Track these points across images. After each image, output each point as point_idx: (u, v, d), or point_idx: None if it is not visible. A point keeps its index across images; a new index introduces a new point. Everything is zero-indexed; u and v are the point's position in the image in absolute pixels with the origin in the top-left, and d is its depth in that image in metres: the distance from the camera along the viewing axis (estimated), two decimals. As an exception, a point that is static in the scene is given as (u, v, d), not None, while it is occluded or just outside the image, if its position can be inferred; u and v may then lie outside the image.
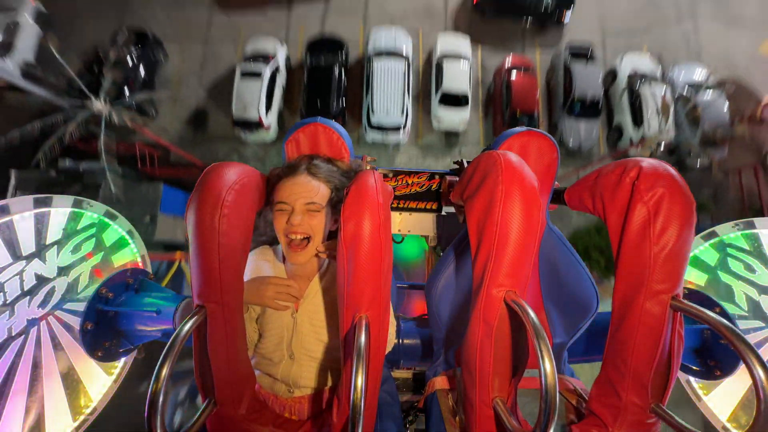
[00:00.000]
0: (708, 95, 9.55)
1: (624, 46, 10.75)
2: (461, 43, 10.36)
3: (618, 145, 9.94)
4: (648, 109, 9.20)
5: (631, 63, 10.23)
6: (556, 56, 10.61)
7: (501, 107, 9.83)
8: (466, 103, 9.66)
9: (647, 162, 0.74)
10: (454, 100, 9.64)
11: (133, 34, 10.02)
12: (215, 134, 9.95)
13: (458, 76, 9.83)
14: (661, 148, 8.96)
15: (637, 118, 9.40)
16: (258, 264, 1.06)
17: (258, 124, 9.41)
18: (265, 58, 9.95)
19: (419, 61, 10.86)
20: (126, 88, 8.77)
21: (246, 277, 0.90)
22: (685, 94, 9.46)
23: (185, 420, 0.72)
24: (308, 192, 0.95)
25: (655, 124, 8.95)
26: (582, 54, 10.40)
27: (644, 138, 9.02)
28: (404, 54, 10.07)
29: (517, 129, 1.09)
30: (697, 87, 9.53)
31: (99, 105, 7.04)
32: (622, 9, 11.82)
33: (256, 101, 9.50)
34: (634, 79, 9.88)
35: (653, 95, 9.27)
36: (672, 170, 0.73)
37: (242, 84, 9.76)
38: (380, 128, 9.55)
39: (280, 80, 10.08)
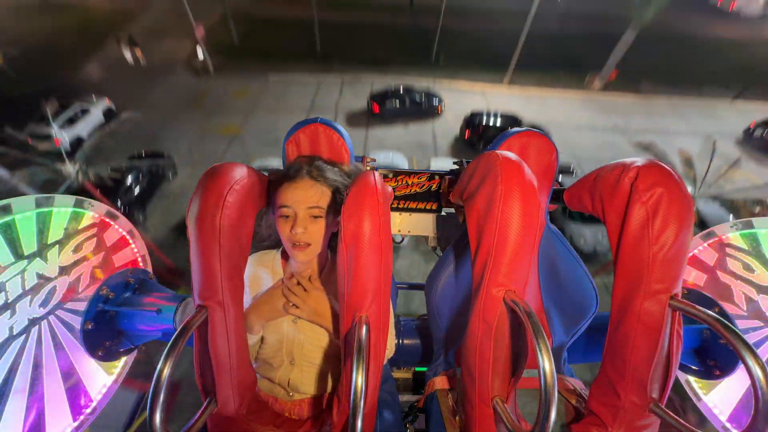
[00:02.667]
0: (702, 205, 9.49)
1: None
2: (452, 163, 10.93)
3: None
4: None
5: None
6: None
7: None
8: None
9: (647, 162, 0.75)
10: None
11: (150, 154, 10.73)
12: None
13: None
14: None
15: None
16: (256, 272, 1.06)
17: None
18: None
19: None
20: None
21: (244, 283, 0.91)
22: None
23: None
24: (311, 197, 0.95)
25: None
26: (567, 170, 11.18)
27: None
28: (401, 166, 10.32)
29: (517, 129, 1.09)
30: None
31: (69, 167, 6.73)
32: (588, 145, 13.44)
33: None
34: None
35: None
36: (671, 170, 0.73)
37: None
38: None
39: None
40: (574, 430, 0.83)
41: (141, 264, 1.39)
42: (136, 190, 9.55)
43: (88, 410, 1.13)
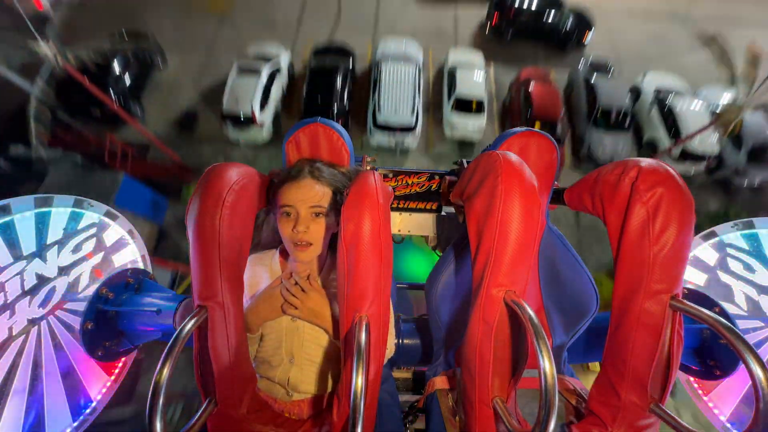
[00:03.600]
0: (747, 114, 8.81)
1: (640, 71, 10.37)
2: (474, 56, 9.89)
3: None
4: (686, 123, 8.61)
5: (655, 80, 9.91)
6: (573, 72, 10.20)
7: (520, 118, 9.12)
8: (482, 109, 8.83)
9: (647, 162, 0.75)
10: (469, 107, 8.84)
11: (133, 34, 9.65)
12: (202, 136, 9.25)
13: (473, 82, 9.10)
14: (704, 164, 8.46)
15: (673, 133, 8.84)
16: (255, 271, 1.05)
17: (249, 121, 8.42)
18: (266, 59, 9.36)
19: (429, 76, 10.29)
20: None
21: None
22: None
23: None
24: (313, 196, 0.96)
25: (696, 138, 8.09)
26: (603, 68, 10.08)
27: (687, 152, 8.50)
28: (414, 60, 9.36)
29: (517, 129, 1.09)
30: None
31: (45, 48, 5.77)
32: (635, 38, 11.63)
33: (251, 96, 8.50)
34: (663, 94, 9.46)
35: (690, 109, 8.85)
36: (672, 170, 0.73)
37: (237, 80, 8.84)
38: (387, 128, 8.50)
39: (280, 81, 9.44)
40: (574, 430, 0.83)
41: (141, 264, 1.39)
42: (127, 79, 8.74)
43: (88, 410, 1.13)
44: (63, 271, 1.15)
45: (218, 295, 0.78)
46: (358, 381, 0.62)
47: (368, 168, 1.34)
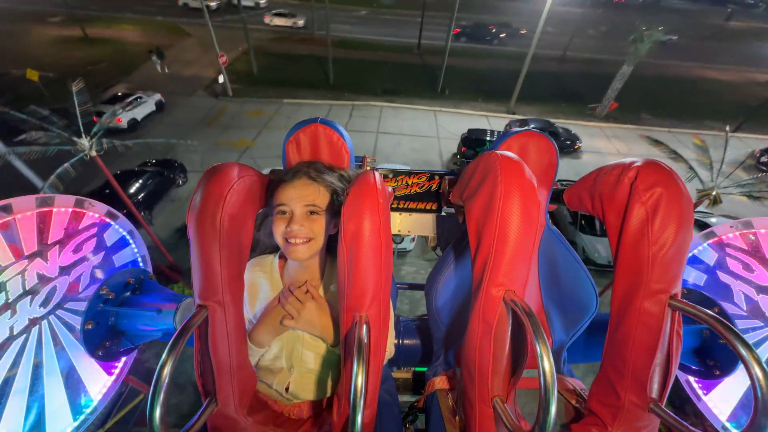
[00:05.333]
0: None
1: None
2: None
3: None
4: None
5: None
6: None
7: None
8: None
9: (646, 162, 0.75)
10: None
11: (161, 160, 11.10)
12: None
13: None
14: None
15: None
16: (254, 277, 1.05)
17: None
18: None
19: None
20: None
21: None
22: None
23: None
24: (308, 195, 0.95)
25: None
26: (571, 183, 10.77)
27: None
28: None
29: (517, 129, 1.09)
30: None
31: (84, 143, 6.50)
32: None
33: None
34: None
35: None
36: (671, 170, 0.73)
37: None
38: None
39: None
40: (574, 430, 0.83)
41: (141, 264, 1.39)
42: (145, 191, 9.86)
43: (88, 410, 1.13)
44: (64, 270, 1.15)
45: (219, 294, 0.78)
46: (358, 381, 0.62)
47: (368, 168, 1.35)
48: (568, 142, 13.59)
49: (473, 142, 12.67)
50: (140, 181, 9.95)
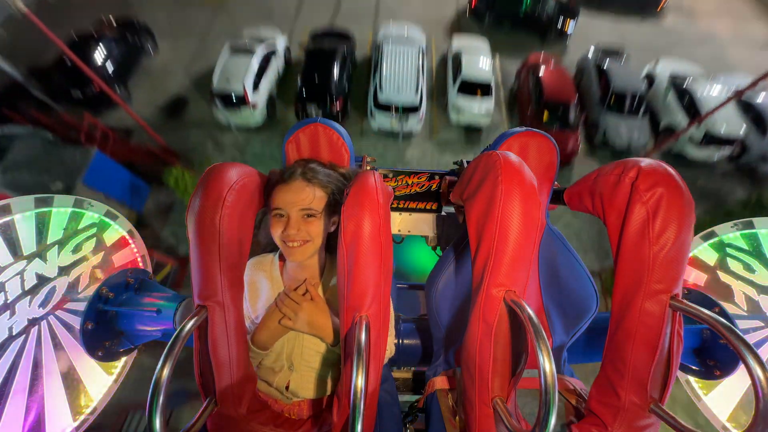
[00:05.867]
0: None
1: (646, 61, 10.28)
2: (479, 42, 9.53)
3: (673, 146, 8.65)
4: (709, 106, 7.92)
5: (669, 66, 9.73)
6: (582, 59, 10.10)
7: (530, 104, 8.62)
8: (489, 92, 8.27)
9: (647, 162, 0.75)
10: (475, 89, 8.27)
11: (121, 21, 9.28)
12: (191, 120, 8.67)
13: (479, 65, 8.61)
14: (729, 149, 8.12)
15: (692, 118, 8.25)
16: (253, 277, 1.05)
17: (242, 101, 7.80)
18: (261, 41, 8.80)
19: (432, 64, 10.05)
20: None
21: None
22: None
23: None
24: (304, 199, 0.94)
25: (721, 121, 7.86)
26: (614, 54, 9.89)
27: (711, 136, 8.12)
28: (417, 43, 8.87)
29: (517, 129, 1.09)
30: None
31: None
32: (620, 29, 11.71)
33: (243, 75, 7.84)
34: (679, 79, 9.17)
35: (711, 94, 8.48)
36: (672, 170, 0.73)
37: (230, 59, 8.18)
38: (389, 108, 7.81)
39: (276, 64, 8.85)
40: (574, 430, 0.83)
41: (141, 264, 1.39)
42: (112, 63, 8.39)
43: (88, 410, 1.13)
44: (63, 271, 1.15)
45: (218, 294, 0.78)
46: (358, 381, 0.62)
47: (368, 168, 1.34)
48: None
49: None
50: (103, 49, 8.29)
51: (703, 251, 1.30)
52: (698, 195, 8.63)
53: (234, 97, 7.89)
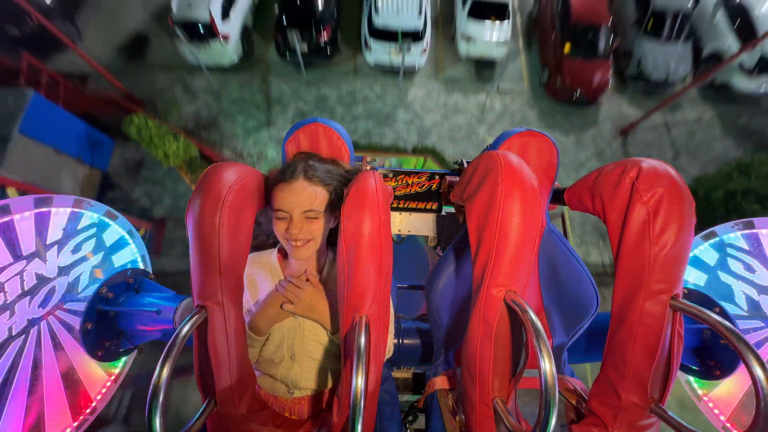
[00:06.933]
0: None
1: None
2: None
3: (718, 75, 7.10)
4: (765, 26, 6.71)
5: None
6: None
7: (552, 30, 7.30)
8: (506, 15, 6.82)
9: (647, 162, 0.75)
10: (489, 11, 6.82)
11: None
12: (155, 62, 7.42)
13: None
14: None
15: (746, 40, 6.83)
16: (253, 272, 1.06)
17: (210, 31, 6.40)
18: None
19: None
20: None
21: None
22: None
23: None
24: (306, 200, 0.94)
25: None
26: None
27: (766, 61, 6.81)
28: None
29: (517, 129, 1.09)
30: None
31: None
32: None
33: None
34: None
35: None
36: (672, 170, 0.73)
37: None
38: (387, 37, 6.46)
39: None
40: (574, 430, 0.83)
41: (141, 264, 1.39)
42: None
43: (88, 410, 1.13)
44: (63, 271, 1.15)
45: (218, 294, 0.78)
46: (358, 381, 0.62)
47: (368, 168, 1.34)
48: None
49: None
50: None
51: (704, 251, 1.30)
52: (738, 135, 7.43)
53: (200, 27, 6.42)
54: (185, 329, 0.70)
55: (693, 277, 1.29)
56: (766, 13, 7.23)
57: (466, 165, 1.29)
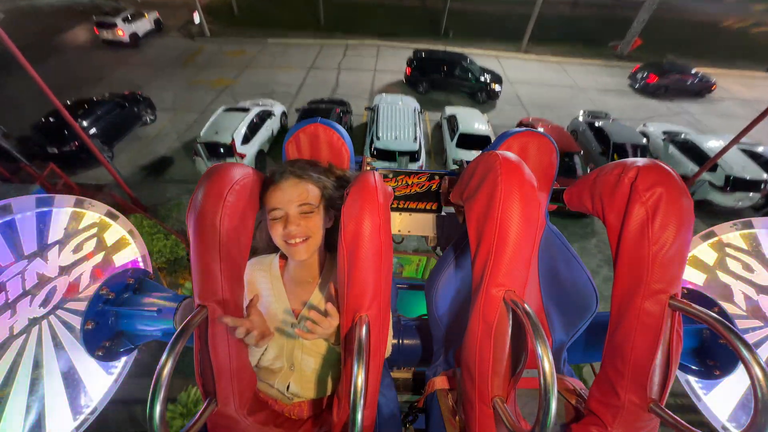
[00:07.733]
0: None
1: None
2: (472, 110, 10.47)
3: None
4: (714, 152, 8.25)
5: (658, 127, 10.76)
6: (573, 121, 11.14)
7: None
8: (488, 143, 8.65)
9: (646, 162, 0.75)
10: (474, 143, 8.82)
11: (122, 93, 9.95)
12: (171, 178, 8.65)
13: (474, 122, 9.43)
14: (757, 197, 8.12)
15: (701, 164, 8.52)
16: (253, 276, 1.05)
17: (228, 151, 7.62)
18: (258, 105, 9.17)
19: (428, 131, 10.88)
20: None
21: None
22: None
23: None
24: (299, 195, 0.95)
25: (737, 166, 8.15)
26: (601, 117, 11.06)
27: (737, 180, 8.20)
28: (412, 105, 9.65)
29: (517, 129, 1.09)
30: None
31: None
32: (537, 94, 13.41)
33: (234, 128, 7.91)
34: (673, 134, 10.00)
35: (719, 144, 8.64)
36: (671, 170, 0.73)
37: (222, 114, 8.47)
38: (387, 157, 7.91)
39: (271, 124, 9.10)
40: (574, 430, 0.83)
41: (141, 264, 1.39)
42: (101, 123, 8.63)
43: (88, 410, 1.13)
44: (64, 270, 1.15)
45: (218, 294, 0.78)
46: (358, 381, 0.62)
47: (368, 168, 1.35)
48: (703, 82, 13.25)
49: (422, 63, 12.27)
50: (96, 111, 8.61)
51: (703, 251, 1.30)
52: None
53: (220, 147, 7.70)
54: (186, 329, 0.70)
55: (692, 277, 1.29)
56: (709, 145, 9.12)
57: (466, 165, 1.29)
